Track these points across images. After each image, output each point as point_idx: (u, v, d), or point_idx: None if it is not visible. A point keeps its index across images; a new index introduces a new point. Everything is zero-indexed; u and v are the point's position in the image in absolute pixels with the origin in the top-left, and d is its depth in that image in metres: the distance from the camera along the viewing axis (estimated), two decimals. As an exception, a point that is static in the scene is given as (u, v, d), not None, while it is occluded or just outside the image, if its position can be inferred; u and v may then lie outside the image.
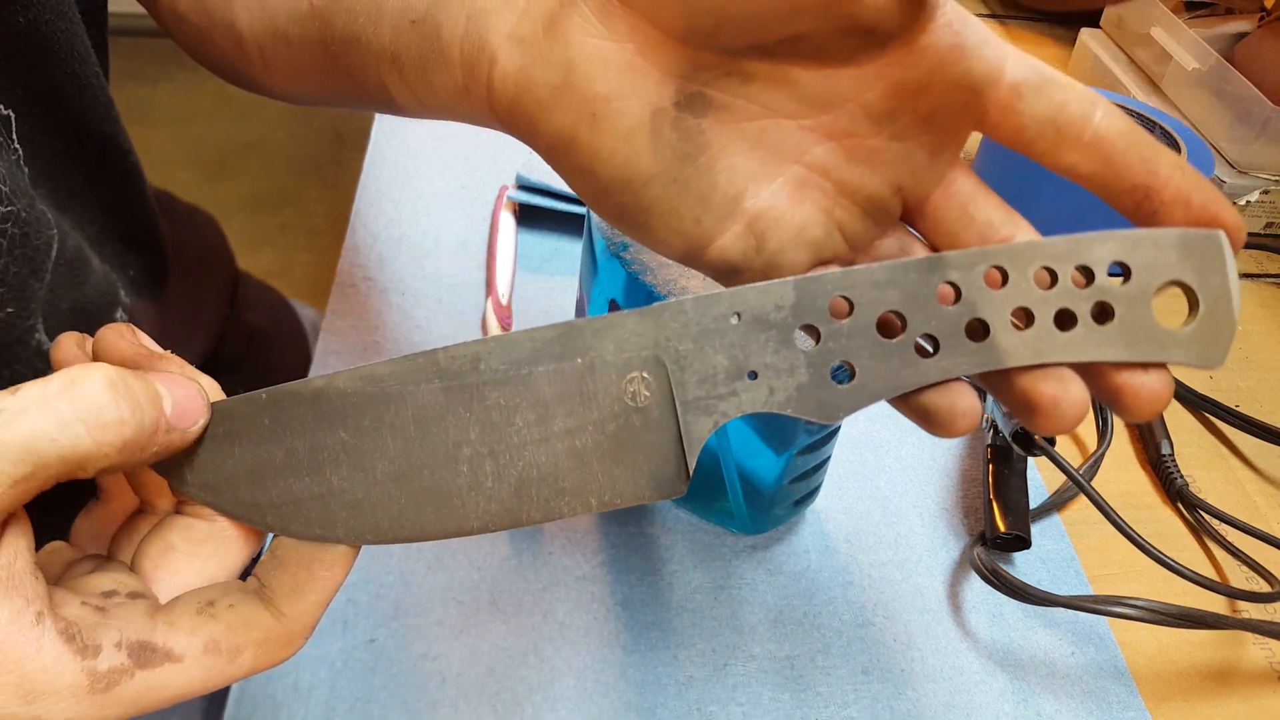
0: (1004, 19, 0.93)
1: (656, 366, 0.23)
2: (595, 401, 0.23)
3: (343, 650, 0.38)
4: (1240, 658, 0.41)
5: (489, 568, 0.41)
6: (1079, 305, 0.22)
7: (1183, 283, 0.22)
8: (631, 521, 0.43)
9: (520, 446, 0.23)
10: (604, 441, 0.23)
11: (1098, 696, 0.39)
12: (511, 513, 0.23)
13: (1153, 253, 0.22)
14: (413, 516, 0.23)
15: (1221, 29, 0.71)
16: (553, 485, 0.23)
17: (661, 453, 0.23)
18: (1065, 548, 0.44)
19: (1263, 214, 0.64)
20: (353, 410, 0.23)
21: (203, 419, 0.22)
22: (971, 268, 0.22)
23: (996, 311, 0.22)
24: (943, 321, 0.22)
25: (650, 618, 0.40)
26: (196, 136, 2.02)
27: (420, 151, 0.64)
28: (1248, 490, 0.49)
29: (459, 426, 0.23)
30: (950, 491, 0.47)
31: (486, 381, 0.23)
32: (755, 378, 0.23)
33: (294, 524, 0.23)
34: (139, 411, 0.20)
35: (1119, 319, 0.22)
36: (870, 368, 0.22)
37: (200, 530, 0.23)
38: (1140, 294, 0.22)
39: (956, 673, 0.39)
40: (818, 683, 0.38)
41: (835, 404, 0.23)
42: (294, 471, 0.23)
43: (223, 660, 0.21)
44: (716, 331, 0.23)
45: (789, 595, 0.41)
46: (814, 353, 0.22)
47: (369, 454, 0.23)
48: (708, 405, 0.23)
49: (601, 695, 0.37)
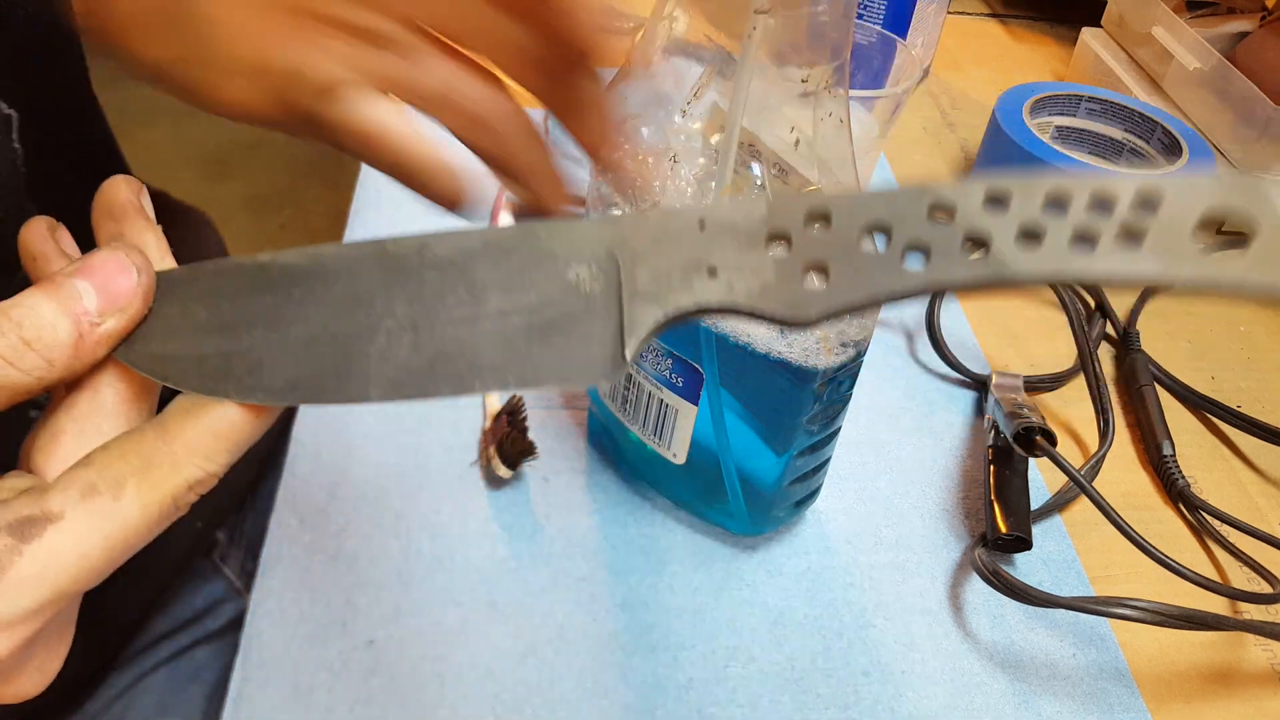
0: (1004, 19, 0.93)
1: (608, 260, 0.21)
2: (536, 288, 0.21)
3: (341, 652, 0.37)
4: (1242, 659, 0.41)
5: (488, 569, 0.41)
6: (1101, 228, 0.19)
7: (1230, 210, 0.18)
8: (631, 523, 0.43)
9: (445, 324, 0.21)
10: (537, 324, 0.21)
11: (1099, 698, 0.39)
12: (419, 384, 0.21)
13: (1186, 187, 0.19)
14: (310, 380, 0.22)
15: (1223, 28, 0.71)
16: (469, 361, 0.21)
17: (598, 339, 0.21)
18: (1066, 549, 0.44)
19: (1264, 214, 0.64)
20: (288, 281, 0.22)
21: (138, 297, 0.22)
22: (968, 192, 0.19)
23: (999, 228, 0.19)
24: (935, 235, 0.19)
25: (650, 619, 0.40)
26: (196, 136, 2.01)
27: (420, 151, 0.64)
28: (1249, 491, 0.49)
29: (387, 302, 0.22)
30: (951, 492, 0.46)
31: (427, 264, 0.22)
32: (715, 275, 0.21)
33: (191, 377, 0.22)
34: (45, 343, 0.21)
35: (1153, 239, 0.18)
36: (846, 273, 0.20)
37: (82, 406, 0.22)
38: (1177, 220, 0.18)
39: (957, 674, 0.39)
40: (818, 684, 0.38)
41: (805, 302, 0.20)
42: (210, 330, 0.22)
43: (106, 500, 0.20)
44: (679, 235, 0.21)
45: (789, 596, 0.41)
46: (784, 257, 0.20)
47: (288, 320, 0.22)
48: (658, 296, 0.21)
49: (601, 697, 0.37)
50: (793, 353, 0.34)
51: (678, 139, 0.36)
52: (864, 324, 0.35)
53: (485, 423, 0.46)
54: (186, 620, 0.53)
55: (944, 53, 0.86)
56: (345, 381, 0.21)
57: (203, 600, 0.55)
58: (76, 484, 0.20)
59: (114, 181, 0.24)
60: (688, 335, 0.36)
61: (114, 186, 0.24)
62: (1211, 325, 0.59)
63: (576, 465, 0.45)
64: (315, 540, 0.41)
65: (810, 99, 0.33)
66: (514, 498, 0.44)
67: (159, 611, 0.52)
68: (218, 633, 0.54)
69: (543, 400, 0.48)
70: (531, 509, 0.43)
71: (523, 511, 0.43)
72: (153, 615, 0.52)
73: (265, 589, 0.39)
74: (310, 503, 0.42)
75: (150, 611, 0.52)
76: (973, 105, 0.79)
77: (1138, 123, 0.65)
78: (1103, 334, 0.56)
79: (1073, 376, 0.53)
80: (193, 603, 0.54)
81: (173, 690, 0.50)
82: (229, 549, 0.57)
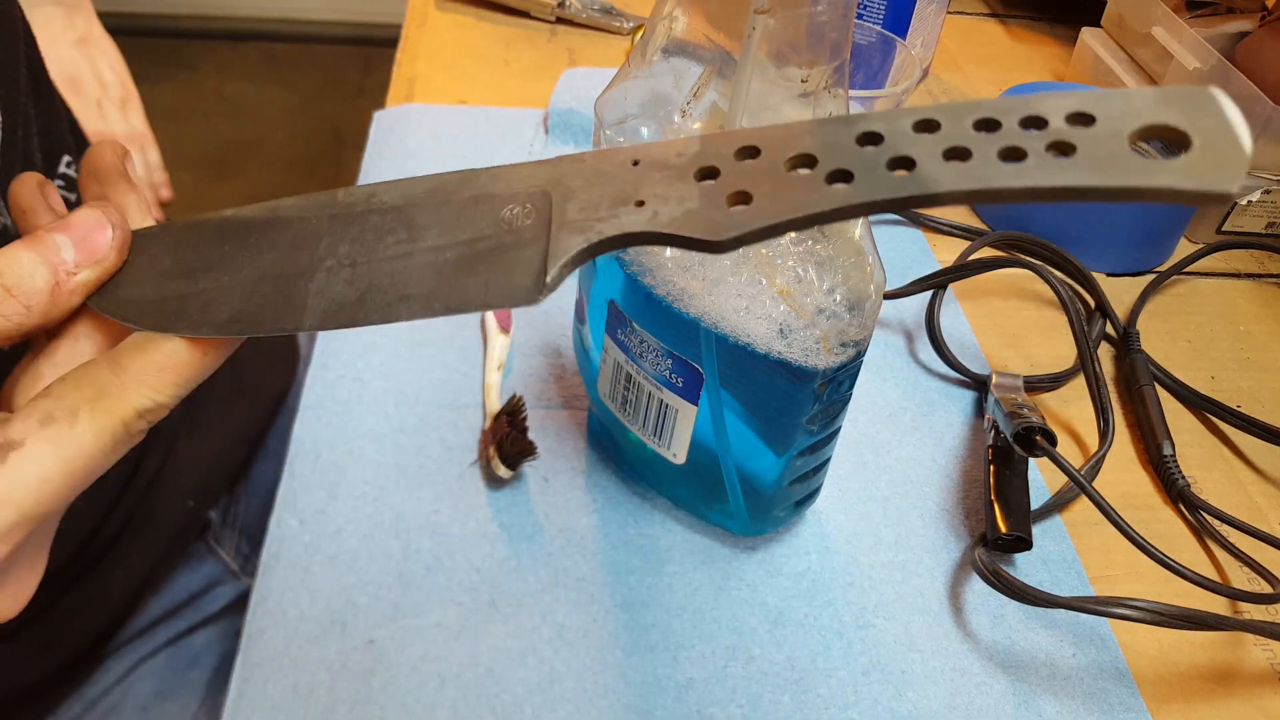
0: (1004, 19, 0.93)
1: (541, 198, 0.23)
2: (471, 224, 0.23)
3: (341, 652, 0.37)
4: (1242, 659, 0.41)
5: (488, 569, 0.41)
6: (1030, 144, 0.19)
7: (1165, 124, 0.18)
8: (631, 522, 0.43)
9: (381, 260, 0.23)
10: (467, 256, 0.23)
11: (1099, 698, 0.39)
12: (349, 314, 0.23)
13: (1122, 103, 0.18)
14: (251, 312, 0.23)
15: (1222, 28, 0.71)
16: (399, 292, 0.23)
17: (524, 266, 0.22)
18: (1066, 549, 0.44)
19: (1263, 214, 0.64)
20: (245, 231, 0.24)
21: (113, 251, 0.24)
22: (896, 119, 0.20)
23: (925, 149, 0.19)
24: (860, 159, 0.20)
25: (650, 619, 0.40)
26: (196, 136, 2.01)
27: (418, 151, 0.64)
28: (1249, 491, 0.49)
29: (331, 243, 0.23)
30: (951, 492, 0.46)
31: (374, 210, 0.24)
32: (642, 205, 0.22)
33: (148, 318, 0.23)
34: (27, 292, 0.22)
35: (1083, 151, 0.18)
36: (770, 194, 0.20)
37: (63, 353, 0.24)
38: (1109, 134, 0.18)
39: (957, 674, 0.39)
40: (818, 684, 0.38)
41: (725, 223, 0.20)
42: (172, 276, 0.24)
43: (62, 427, 0.22)
44: (611, 173, 0.22)
45: (789, 596, 0.41)
46: (710, 186, 0.21)
47: (241, 264, 0.24)
48: (583, 225, 0.22)
49: (601, 697, 0.37)
50: (793, 353, 0.34)
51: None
52: (864, 324, 0.35)
53: (485, 423, 0.46)
54: (182, 603, 0.54)
55: (943, 52, 0.86)
56: (281, 313, 0.23)
57: (199, 582, 0.55)
58: (35, 413, 0.22)
59: (100, 146, 0.25)
60: (688, 335, 0.36)
61: (100, 151, 0.25)
62: (1211, 325, 0.59)
63: (576, 465, 0.45)
64: (315, 540, 0.41)
65: (810, 99, 0.33)
66: (514, 498, 0.44)
67: (154, 593, 0.53)
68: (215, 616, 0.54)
69: (543, 400, 0.48)
70: (531, 509, 0.43)
71: (522, 511, 0.43)
72: (148, 596, 0.52)
73: (265, 588, 0.39)
74: (310, 502, 0.42)
75: (145, 592, 0.52)
76: (972, 105, 0.78)
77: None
78: (1102, 334, 0.56)
79: (1072, 376, 0.53)
80: (189, 585, 0.54)
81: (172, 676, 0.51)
82: (222, 531, 0.57)
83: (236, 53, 2.32)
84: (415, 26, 0.80)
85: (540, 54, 0.78)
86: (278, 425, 0.62)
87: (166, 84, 2.15)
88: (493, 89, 0.72)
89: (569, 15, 0.81)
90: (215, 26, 2.37)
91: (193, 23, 2.36)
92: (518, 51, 0.78)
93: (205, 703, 0.50)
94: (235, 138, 2.05)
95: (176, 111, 2.08)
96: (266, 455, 0.61)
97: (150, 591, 0.52)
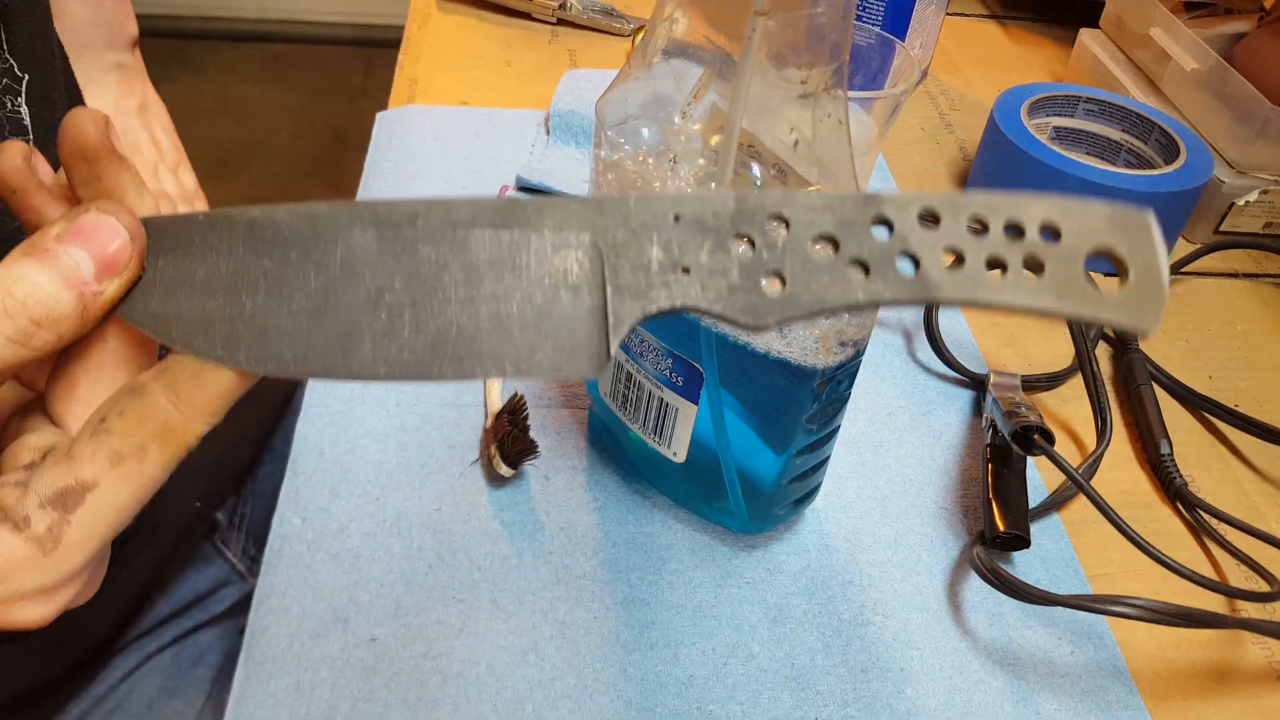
0: (1002, 20, 0.93)
1: (592, 249, 0.23)
2: (526, 273, 0.23)
3: (344, 649, 0.38)
4: (1239, 657, 0.41)
5: (489, 567, 0.41)
6: (1010, 255, 0.22)
7: (1112, 250, 0.22)
8: (632, 521, 0.43)
9: (444, 303, 0.23)
10: (529, 312, 0.23)
11: (1097, 696, 0.39)
12: (423, 365, 0.22)
13: (1082, 219, 0.22)
14: (319, 353, 0.22)
15: (1221, 29, 0.71)
16: (470, 345, 0.22)
17: (585, 331, 0.23)
18: (1064, 547, 0.44)
19: (1262, 214, 0.65)
20: (282, 242, 0.23)
21: (133, 260, 0.23)
22: (906, 206, 0.22)
23: (928, 248, 0.22)
24: (875, 249, 0.22)
25: (650, 616, 0.40)
26: (196, 136, 2.01)
27: (420, 152, 0.64)
28: (1247, 490, 0.49)
29: (385, 274, 0.23)
30: (949, 491, 0.47)
31: (421, 237, 0.23)
32: (688, 273, 0.23)
33: (198, 341, 0.23)
34: (56, 316, 0.22)
35: (1049, 272, 0.22)
36: (801, 280, 0.22)
37: (94, 357, 0.24)
38: (1070, 254, 0.22)
39: (956, 672, 0.39)
40: (817, 682, 0.38)
41: (763, 309, 0.23)
42: (210, 291, 0.23)
43: (133, 464, 0.22)
44: (655, 227, 0.23)
45: (788, 594, 0.41)
46: (747, 260, 0.23)
47: (289, 285, 0.23)
48: (639, 291, 0.23)
49: (601, 694, 0.37)
50: (792, 352, 0.35)
51: (678, 140, 0.36)
52: (863, 323, 0.36)
53: (487, 421, 0.46)
54: (189, 603, 0.54)
55: (942, 54, 0.86)
56: (352, 358, 0.22)
57: (205, 583, 0.55)
58: (102, 452, 0.22)
59: (79, 118, 0.23)
60: (688, 335, 0.36)
61: (80, 125, 0.23)
62: (1209, 325, 0.59)
63: (577, 464, 0.46)
64: (318, 538, 0.41)
65: (809, 100, 0.34)
66: (515, 496, 0.44)
67: (161, 593, 0.53)
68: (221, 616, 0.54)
69: (544, 399, 0.48)
70: (532, 507, 0.44)
71: (524, 509, 0.43)
72: (155, 596, 0.52)
73: (268, 586, 0.39)
74: (313, 501, 0.43)
75: (152, 592, 0.52)
76: (971, 106, 0.79)
77: (1135, 123, 0.66)
78: (1100, 333, 0.56)
79: (1070, 376, 0.53)
80: (195, 585, 0.55)
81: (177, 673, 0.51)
82: (229, 532, 0.58)
83: (239, 53, 2.32)
84: (417, 28, 0.80)
85: (541, 55, 0.78)
86: (284, 426, 0.62)
87: (169, 84, 2.15)
88: (494, 90, 0.73)
89: (570, 17, 0.81)
90: (218, 27, 2.38)
91: (195, 23, 2.36)
92: (519, 53, 0.78)
93: (210, 700, 0.50)
94: (238, 138, 2.05)
95: (179, 112, 2.08)
96: (273, 456, 0.61)
97: (158, 592, 0.52)
